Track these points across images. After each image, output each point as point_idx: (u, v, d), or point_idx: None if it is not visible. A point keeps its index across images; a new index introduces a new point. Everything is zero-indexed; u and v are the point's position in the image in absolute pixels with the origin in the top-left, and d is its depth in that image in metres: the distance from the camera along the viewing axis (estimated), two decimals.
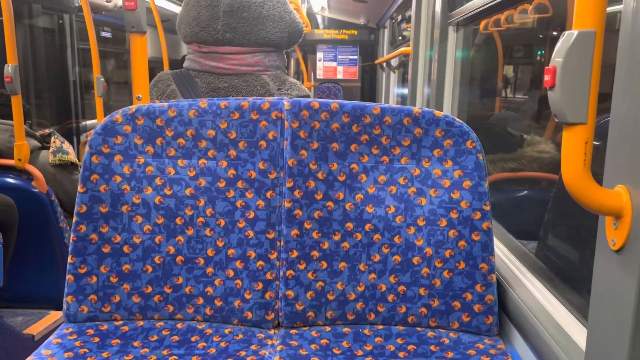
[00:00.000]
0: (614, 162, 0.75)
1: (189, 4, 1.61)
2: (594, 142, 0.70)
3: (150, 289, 1.27)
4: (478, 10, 1.92)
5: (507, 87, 2.85)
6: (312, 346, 1.20)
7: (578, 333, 1.02)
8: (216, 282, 1.27)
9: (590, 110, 0.67)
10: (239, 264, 1.27)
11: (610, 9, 0.72)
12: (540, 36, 2.40)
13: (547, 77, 0.68)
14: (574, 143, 0.69)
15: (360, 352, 1.18)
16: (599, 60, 0.67)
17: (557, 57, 0.67)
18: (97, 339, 1.20)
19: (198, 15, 1.56)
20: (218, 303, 1.28)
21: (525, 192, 2.16)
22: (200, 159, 1.27)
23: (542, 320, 1.10)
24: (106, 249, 1.25)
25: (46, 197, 2.44)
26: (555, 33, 2.12)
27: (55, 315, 2.49)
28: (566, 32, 0.66)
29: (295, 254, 1.26)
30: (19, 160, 2.38)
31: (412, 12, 2.94)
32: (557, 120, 0.69)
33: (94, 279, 1.25)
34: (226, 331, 1.25)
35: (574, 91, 0.67)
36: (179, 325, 1.27)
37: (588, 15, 0.66)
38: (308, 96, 1.62)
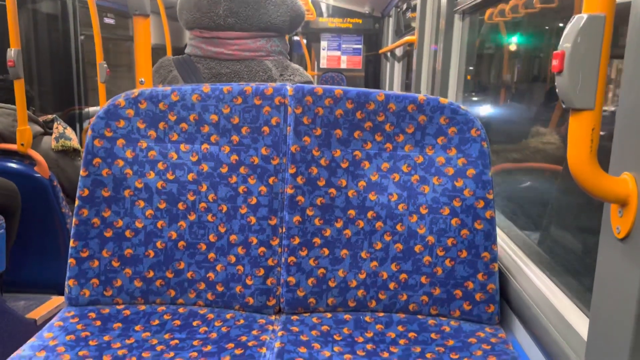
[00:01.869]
0: (621, 150, 0.74)
1: None
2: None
3: (152, 274, 1.27)
4: None
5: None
6: (313, 332, 1.20)
7: (580, 322, 1.01)
8: (218, 267, 1.27)
9: (598, 96, 0.66)
10: (240, 250, 1.27)
11: None
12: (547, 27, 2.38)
13: (555, 62, 0.67)
14: (580, 129, 0.68)
15: (360, 339, 1.18)
16: (608, 46, 0.66)
17: (566, 41, 0.66)
18: (98, 323, 1.20)
19: (199, 1, 1.55)
20: (219, 288, 1.28)
21: (529, 183, 2.15)
22: (203, 144, 1.27)
23: (544, 310, 1.10)
24: (108, 233, 1.25)
25: (48, 182, 2.44)
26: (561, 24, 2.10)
27: (57, 300, 2.51)
28: (575, 16, 0.65)
29: (297, 240, 1.26)
30: (22, 145, 2.38)
31: (417, 0, 2.92)
32: (564, 106, 0.68)
33: (96, 263, 1.26)
34: (227, 316, 1.26)
35: (582, 76, 0.66)
36: (181, 310, 1.27)
37: None
38: (311, 82, 1.61)
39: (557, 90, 0.68)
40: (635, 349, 0.70)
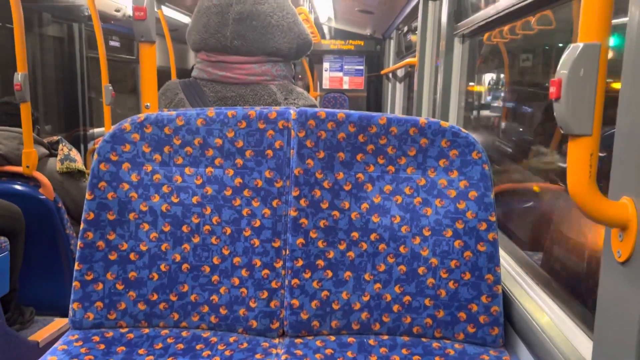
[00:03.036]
0: (620, 174, 0.75)
1: (200, 11, 1.63)
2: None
3: (155, 297, 1.27)
4: (484, 22, 1.93)
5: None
6: (317, 356, 1.20)
7: (584, 345, 1.01)
8: (221, 290, 1.28)
9: (596, 122, 0.68)
10: (244, 272, 1.28)
11: (615, 21, 0.73)
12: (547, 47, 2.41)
13: (552, 89, 0.68)
14: (579, 155, 0.69)
15: None
16: (604, 73, 0.67)
17: (563, 69, 0.68)
18: (102, 346, 1.20)
19: (208, 22, 1.58)
20: (223, 311, 1.28)
21: (531, 203, 2.15)
22: (207, 167, 1.28)
23: (548, 332, 1.09)
24: (113, 256, 1.26)
25: (53, 204, 2.46)
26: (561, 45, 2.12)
27: (60, 322, 2.50)
28: (571, 45, 0.67)
29: (300, 262, 1.27)
30: (27, 167, 2.40)
31: (418, 23, 2.96)
32: (562, 132, 0.69)
33: (100, 286, 1.26)
34: (231, 340, 1.25)
35: (579, 103, 0.67)
36: (184, 334, 1.27)
37: (593, 28, 0.66)
38: (315, 105, 1.63)
39: (555, 116, 0.70)
40: None
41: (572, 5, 1.55)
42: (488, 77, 2.77)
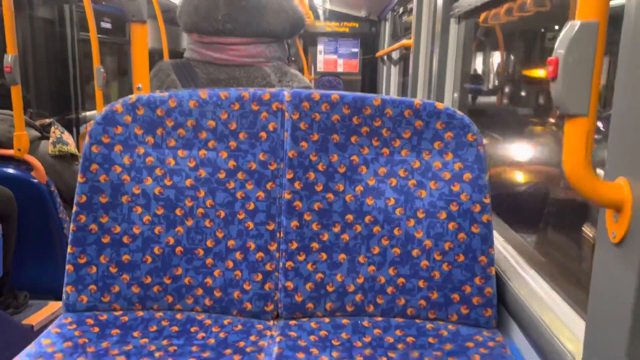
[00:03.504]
0: (615, 155, 0.75)
1: None
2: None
3: (149, 280, 1.27)
4: (480, 2, 1.91)
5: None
6: (311, 337, 1.20)
7: (576, 326, 1.02)
8: (215, 273, 1.28)
9: (592, 102, 0.67)
10: (238, 255, 1.27)
11: (613, 2, 0.72)
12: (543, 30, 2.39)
13: (549, 68, 0.68)
14: (575, 135, 0.68)
15: (359, 344, 1.18)
16: (602, 52, 0.66)
17: (560, 48, 0.67)
18: (96, 329, 1.20)
19: (198, 5, 1.56)
20: (217, 294, 1.28)
21: (527, 185, 2.16)
22: (201, 150, 1.27)
23: (541, 313, 1.10)
24: (106, 239, 1.25)
25: (45, 187, 2.44)
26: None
27: (54, 306, 2.50)
28: (569, 23, 0.66)
29: (294, 245, 1.27)
30: (19, 150, 2.38)
31: (414, 5, 2.93)
32: (558, 112, 0.69)
33: (94, 269, 1.26)
34: (225, 322, 1.26)
35: (576, 83, 0.66)
36: (178, 316, 1.27)
37: (591, 6, 0.65)
38: (309, 87, 1.62)
39: (551, 96, 0.69)
40: (631, 352, 0.71)
41: None
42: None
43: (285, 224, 1.27)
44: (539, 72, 2.34)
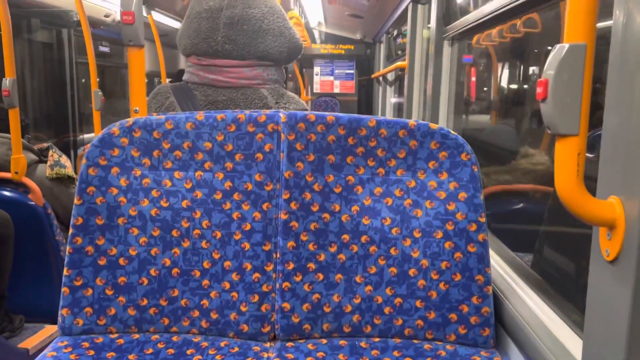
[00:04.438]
0: (607, 173, 0.76)
1: (190, 16, 1.63)
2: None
3: (145, 302, 1.26)
4: (472, 25, 1.94)
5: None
6: (309, 359, 1.19)
7: (574, 344, 1.02)
8: (212, 294, 1.27)
9: (582, 121, 0.68)
10: (234, 276, 1.27)
11: (600, 24, 0.73)
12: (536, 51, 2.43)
13: (539, 90, 0.69)
14: (566, 154, 0.69)
15: None
16: (590, 73, 0.68)
17: (549, 69, 0.68)
18: (92, 352, 1.19)
19: (199, 27, 1.58)
20: (214, 316, 1.27)
21: (521, 204, 2.16)
22: (197, 171, 1.28)
23: (538, 332, 1.10)
24: (102, 261, 1.25)
25: (42, 210, 2.44)
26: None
27: (50, 329, 2.48)
28: (557, 45, 0.67)
29: (291, 266, 1.26)
30: (16, 173, 2.38)
31: (407, 27, 2.98)
32: (549, 132, 0.70)
33: (90, 291, 1.25)
34: (222, 344, 1.25)
35: (565, 103, 0.67)
36: (175, 339, 1.26)
37: (579, 29, 0.67)
38: (306, 109, 1.64)
39: (542, 116, 0.70)
40: None
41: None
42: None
43: (281, 244, 1.27)
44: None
